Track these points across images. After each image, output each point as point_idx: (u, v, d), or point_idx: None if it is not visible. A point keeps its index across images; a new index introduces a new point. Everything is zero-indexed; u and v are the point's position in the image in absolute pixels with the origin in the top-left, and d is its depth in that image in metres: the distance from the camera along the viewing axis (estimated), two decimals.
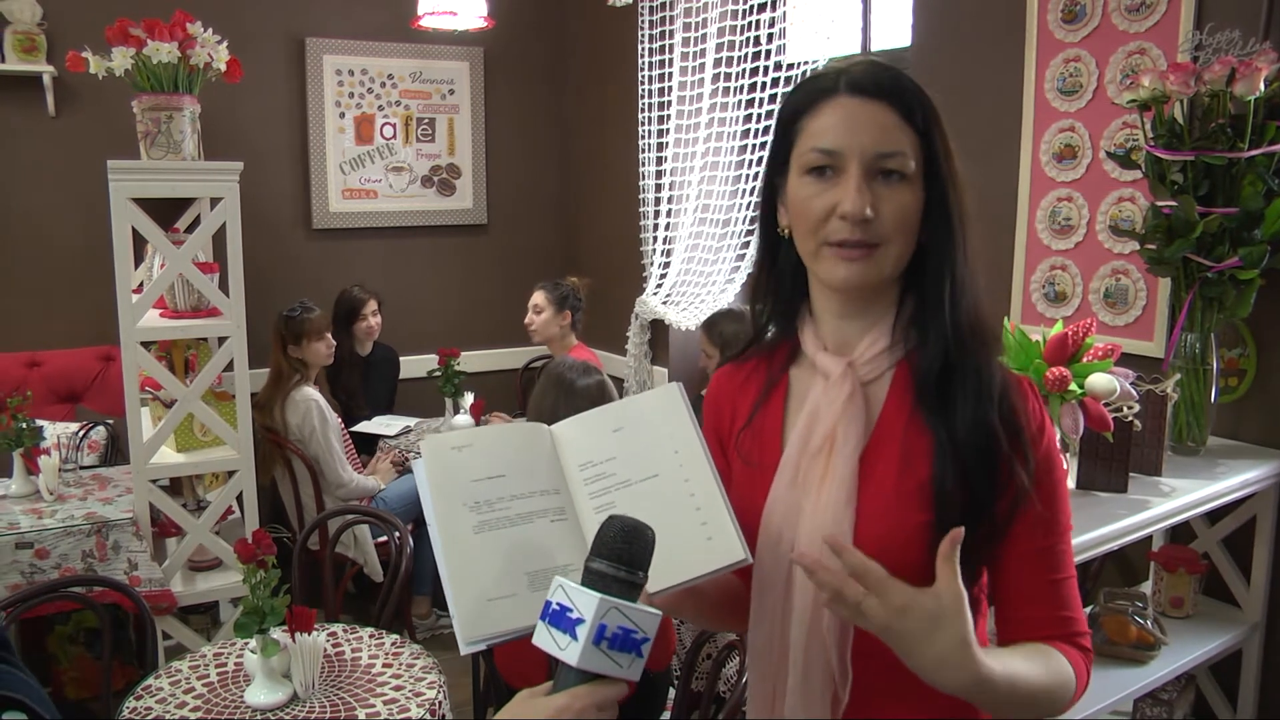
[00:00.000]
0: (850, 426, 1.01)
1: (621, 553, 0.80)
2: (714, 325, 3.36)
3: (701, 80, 3.49)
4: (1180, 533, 2.18)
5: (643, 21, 3.78)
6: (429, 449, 1.00)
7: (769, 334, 1.15)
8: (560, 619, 0.79)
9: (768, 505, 1.04)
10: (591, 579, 0.80)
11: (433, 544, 0.96)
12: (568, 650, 0.78)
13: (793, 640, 1.03)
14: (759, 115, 3.33)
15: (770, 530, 1.04)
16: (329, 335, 3.66)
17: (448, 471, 0.98)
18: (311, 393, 3.53)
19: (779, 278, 1.11)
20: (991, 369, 1.01)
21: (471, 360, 4.22)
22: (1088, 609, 1.91)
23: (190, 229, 3.17)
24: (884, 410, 1.04)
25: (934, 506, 0.98)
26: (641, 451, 1.01)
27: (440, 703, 1.88)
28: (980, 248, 1.04)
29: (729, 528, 0.97)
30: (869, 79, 0.99)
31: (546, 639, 0.80)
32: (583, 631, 0.77)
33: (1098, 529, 1.60)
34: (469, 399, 3.90)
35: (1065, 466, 1.71)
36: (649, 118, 3.83)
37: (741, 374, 1.17)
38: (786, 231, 1.07)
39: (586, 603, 0.78)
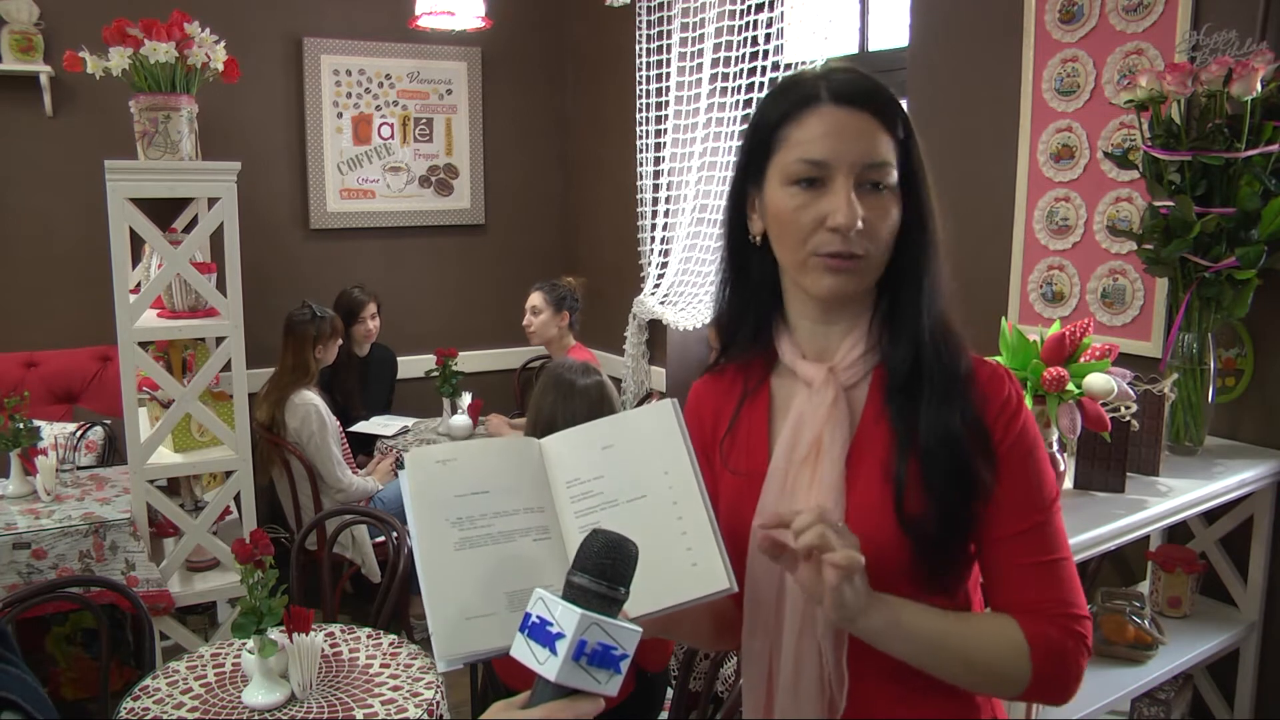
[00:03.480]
0: (835, 431, 1.01)
1: (605, 568, 0.78)
2: None
3: (699, 80, 3.49)
4: (1178, 533, 2.18)
5: (640, 21, 3.78)
6: (413, 462, 0.99)
7: (739, 344, 1.13)
8: (540, 632, 0.77)
9: (757, 514, 1.04)
10: (573, 593, 0.78)
11: (414, 559, 0.95)
12: (546, 665, 0.76)
13: (784, 646, 1.02)
14: None
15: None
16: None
17: (431, 485, 0.97)
18: (311, 396, 3.53)
19: (754, 288, 1.10)
20: (958, 371, 1.01)
21: (469, 360, 4.22)
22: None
23: (188, 229, 3.16)
24: (864, 414, 1.04)
25: (895, 503, 0.98)
26: (630, 471, 0.99)
27: (438, 703, 1.88)
28: (949, 252, 1.04)
29: (715, 554, 0.94)
30: (853, 88, 0.98)
31: (525, 652, 0.78)
32: (562, 647, 0.76)
33: (1095, 529, 1.60)
34: (467, 399, 3.90)
35: (1063, 469, 1.72)
36: (647, 117, 3.83)
37: (723, 384, 1.16)
38: (758, 239, 1.06)
39: (567, 618, 0.76)
